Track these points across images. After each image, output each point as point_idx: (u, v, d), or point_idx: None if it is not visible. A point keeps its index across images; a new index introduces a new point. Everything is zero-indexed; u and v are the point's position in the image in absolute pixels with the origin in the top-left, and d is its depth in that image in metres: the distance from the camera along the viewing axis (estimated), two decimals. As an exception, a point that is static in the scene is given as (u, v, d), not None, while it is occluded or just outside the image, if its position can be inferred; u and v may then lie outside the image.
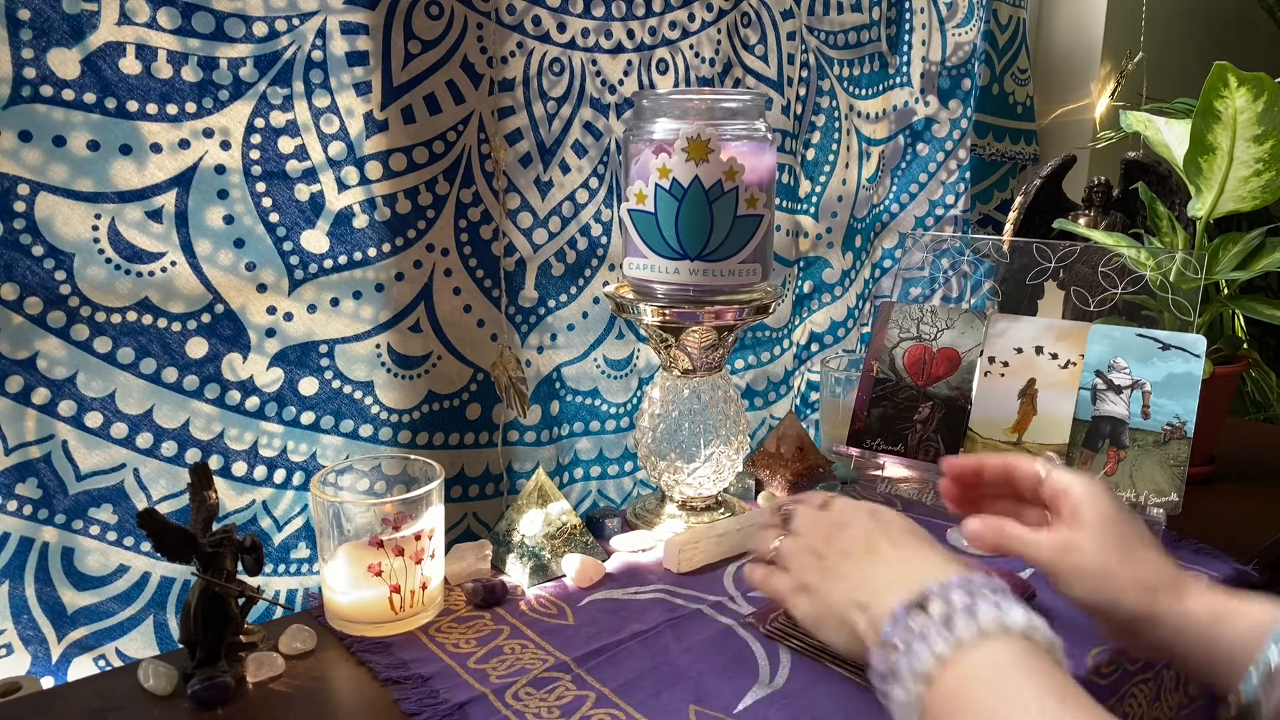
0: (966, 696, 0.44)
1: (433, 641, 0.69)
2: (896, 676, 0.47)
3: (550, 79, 0.91)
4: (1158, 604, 0.57)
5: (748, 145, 0.81)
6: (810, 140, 1.16)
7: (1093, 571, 0.58)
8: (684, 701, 0.62)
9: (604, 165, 0.96)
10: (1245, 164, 0.88)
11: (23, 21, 0.65)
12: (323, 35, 0.77)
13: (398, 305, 0.84)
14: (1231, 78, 0.83)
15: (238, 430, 0.79)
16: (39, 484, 0.71)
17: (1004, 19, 1.32)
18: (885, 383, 0.91)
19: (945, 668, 0.45)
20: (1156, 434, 0.79)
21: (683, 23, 0.99)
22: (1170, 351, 0.81)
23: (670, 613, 0.73)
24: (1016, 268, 0.95)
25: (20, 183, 0.67)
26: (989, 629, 0.45)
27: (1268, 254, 0.91)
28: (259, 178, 0.76)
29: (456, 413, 0.90)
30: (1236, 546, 0.84)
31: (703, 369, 0.88)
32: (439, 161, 0.84)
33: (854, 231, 1.24)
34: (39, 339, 0.69)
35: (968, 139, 1.28)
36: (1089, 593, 0.59)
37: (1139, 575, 0.58)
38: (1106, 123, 1.42)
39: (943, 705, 0.44)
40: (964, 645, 0.45)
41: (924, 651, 0.46)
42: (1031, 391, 0.85)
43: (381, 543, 0.68)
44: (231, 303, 0.77)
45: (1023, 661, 0.44)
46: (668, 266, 0.81)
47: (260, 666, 0.65)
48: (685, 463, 0.88)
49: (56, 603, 0.73)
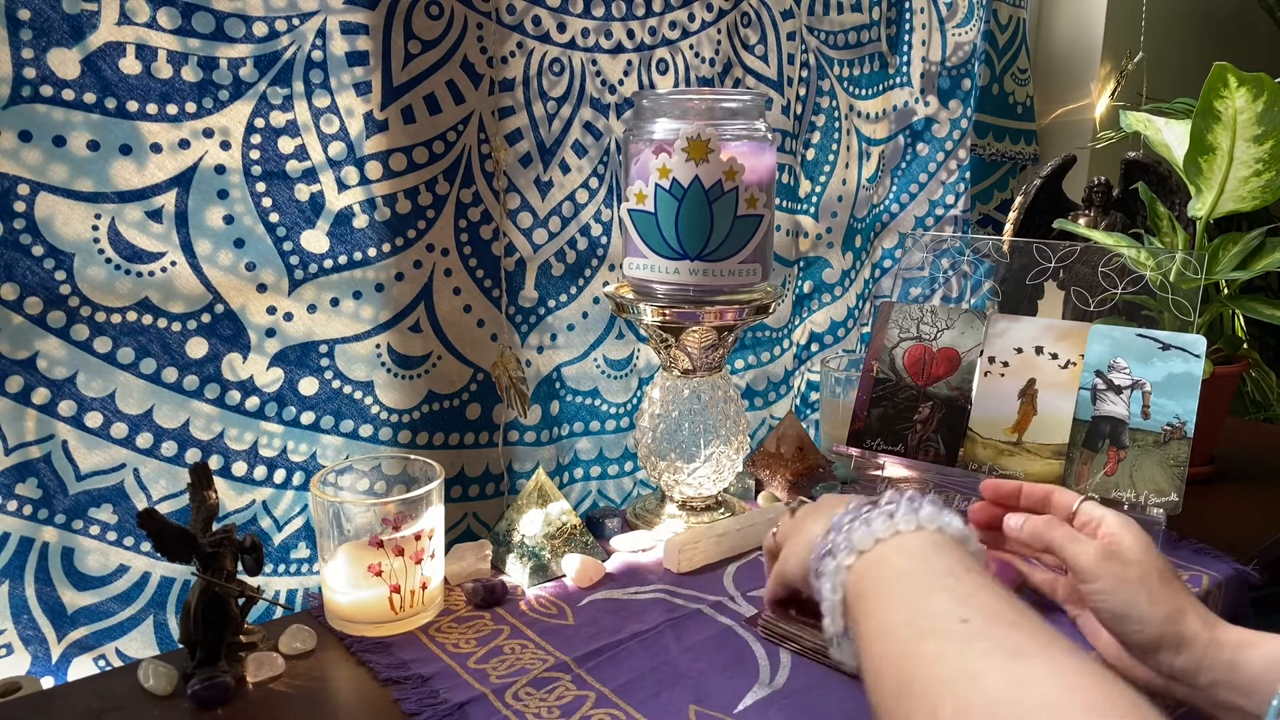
0: (881, 573, 0.47)
1: (433, 641, 0.69)
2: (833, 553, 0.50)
3: (550, 79, 0.91)
4: (1190, 627, 0.58)
5: (748, 145, 0.81)
6: (810, 140, 1.16)
7: (1133, 580, 0.60)
8: (684, 701, 0.62)
9: (604, 165, 0.96)
10: (1245, 164, 0.88)
11: (23, 21, 0.65)
12: (323, 35, 0.77)
13: (398, 305, 0.84)
14: (1231, 78, 0.83)
15: (238, 430, 0.79)
16: (39, 484, 0.71)
17: (1004, 19, 1.32)
18: (885, 383, 0.91)
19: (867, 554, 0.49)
20: (1156, 434, 0.79)
21: (683, 23, 0.99)
22: (1170, 351, 0.81)
23: (670, 613, 0.74)
24: (1016, 268, 0.95)
25: (20, 183, 0.67)
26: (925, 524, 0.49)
27: (1268, 254, 0.91)
28: (259, 178, 0.76)
29: (456, 413, 0.90)
30: (1236, 546, 0.84)
31: (703, 369, 0.88)
32: (439, 161, 0.84)
33: (854, 231, 1.24)
34: (39, 339, 0.69)
35: (968, 139, 1.28)
36: (1124, 603, 0.60)
37: (1174, 598, 0.60)
38: (1106, 123, 1.42)
39: (861, 585, 0.48)
40: (883, 539, 0.49)
41: (847, 543, 0.49)
42: (1031, 391, 0.85)
43: (381, 543, 0.68)
44: (231, 303, 0.77)
45: (935, 544, 0.48)
46: (668, 266, 0.81)
47: (260, 666, 0.65)
48: (685, 463, 0.88)
49: (56, 603, 0.73)
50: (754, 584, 0.79)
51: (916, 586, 0.46)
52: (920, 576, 0.46)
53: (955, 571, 0.46)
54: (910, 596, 0.45)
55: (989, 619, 0.42)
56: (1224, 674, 0.56)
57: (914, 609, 0.44)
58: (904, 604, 0.45)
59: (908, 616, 0.44)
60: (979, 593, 0.44)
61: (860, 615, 0.47)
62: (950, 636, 0.41)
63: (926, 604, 0.44)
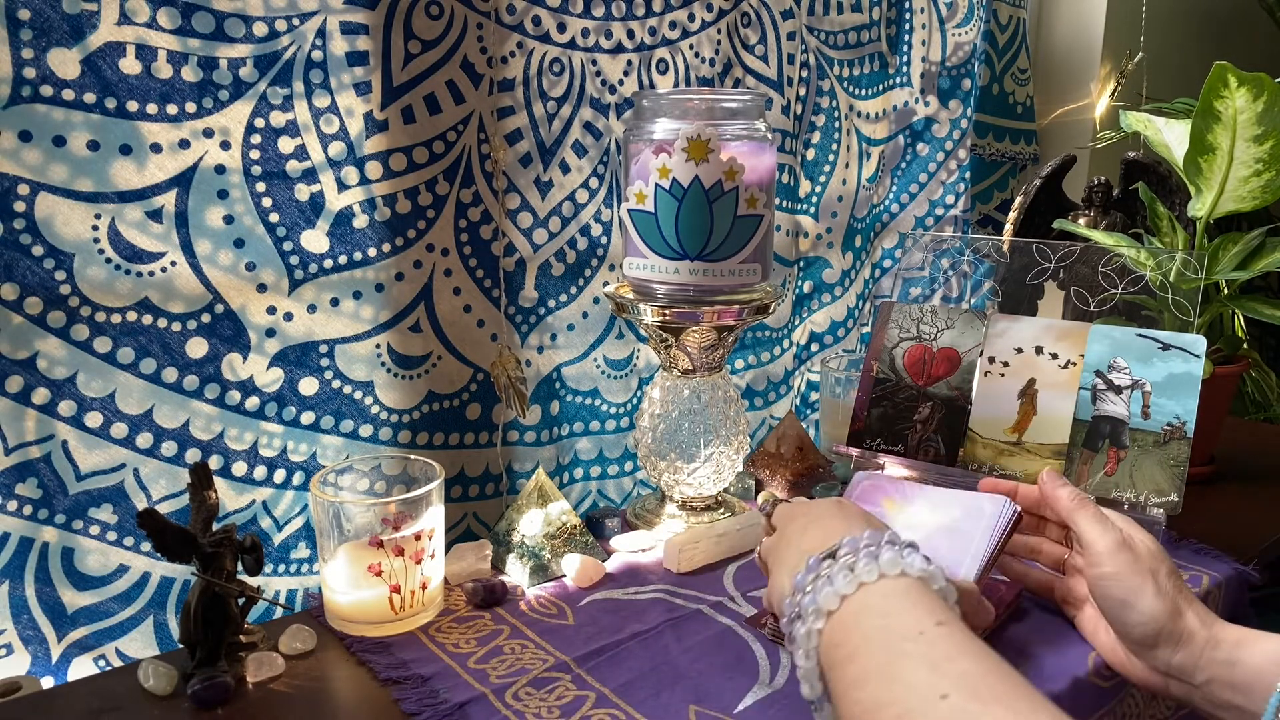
0: (851, 638, 0.47)
1: (433, 641, 0.69)
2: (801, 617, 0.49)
3: (550, 79, 0.91)
4: (1189, 624, 0.59)
5: (748, 145, 0.81)
6: (810, 140, 1.16)
7: (1143, 570, 0.61)
8: (684, 701, 0.62)
9: (604, 165, 0.96)
10: (1245, 164, 0.88)
11: (23, 21, 0.65)
12: (323, 35, 0.77)
13: (398, 305, 0.84)
14: (1231, 78, 0.83)
15: (238, 430, 0.79)
16: (39, 484, 0.71)
17: (1004, 19, 1.32)
18: (885, 383, 0.91)
19: (844, 602, 0.48)
20: (1156, 434, 0.79)
21: (683, 23, 0.99)
22: (1170, 351, 0.81)
23: (670, 613, 0.74)
24: (1016, 268, 0.95)
25: (20, 183, 0.67)
26: (887, 571, 0.49)
27: (1268, 254, 0.91)
28: (259, 178, 0.76)
29: (456, 413, 0.90)
30: (1236, 546, 0.84)
31: (703, 369, 0.88)
32: (439, 161, 0.84)
33: (854, 231, 1.24)
34: (39, 339, 0.69)
35: (968, 139, 1.28)
36: (1131, 590, 0.60)
37: (1177, 597, 0.60)
38: (1106, 123, 1.42)
39: (833, 654, 0.47)
40: (848, 595, 0.48)
41: (814, 605, 0.49)
42: (1031, 391, 0.85)
43: (381, 543, 0.68)
44: (231, 303, 0.77)
45: (901, 591, 0.48)
46: (668, 266, 0.81)
47: (260, 666, 0.65)
48: (685, 463, 0.88)
49: (56, 603, 0.73)
50: (754, 584, 0.79)
51: (890, 654, 0.44)
52: (893, 640, 0.45)
53: (925, 627, 0.45)
54: (885, 667, 0.44)
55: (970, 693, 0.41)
56: (1222, 672, 0.57)
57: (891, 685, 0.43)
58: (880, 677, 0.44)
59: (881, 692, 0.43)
60: (957, 658, 0.43)
61: (836, 686, 0.46)
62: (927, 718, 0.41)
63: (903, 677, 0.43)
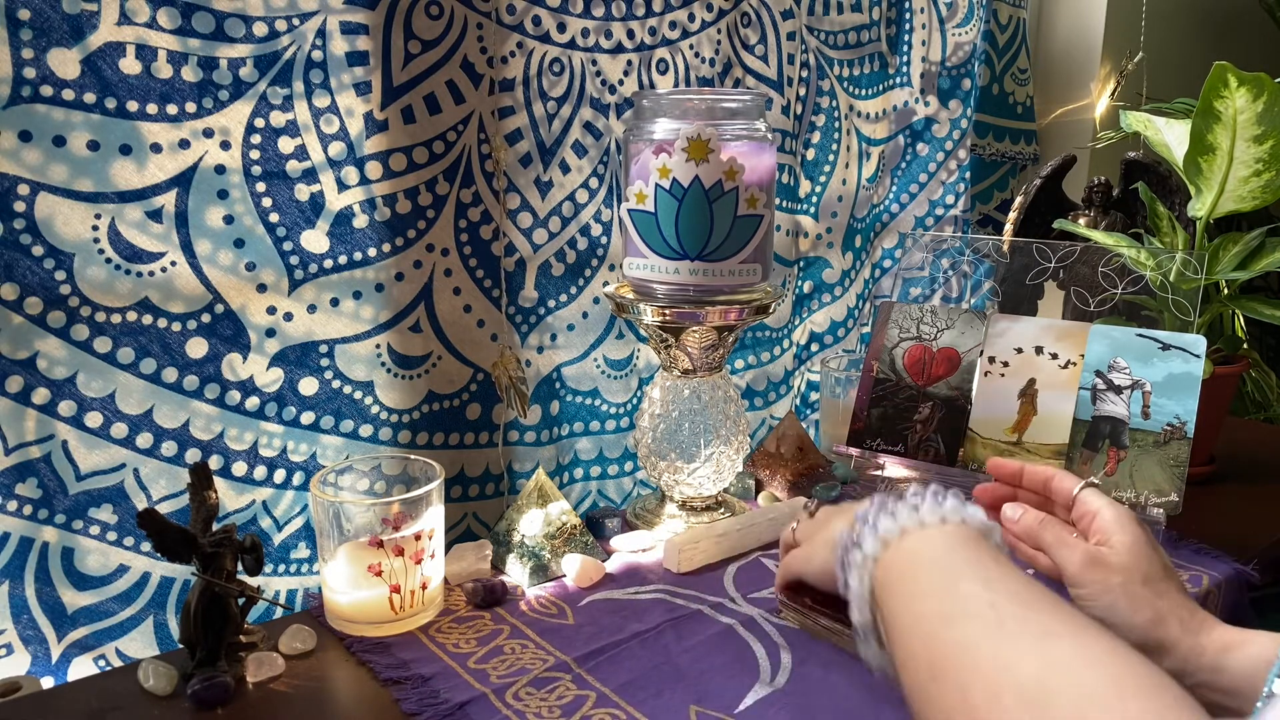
0: (907, 563, 0.48)
1: (433, 641, 0.69)
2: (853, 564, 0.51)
3: (550, 79, 0.91)
4: (1170, 633, 0.59)
5: (748, 145, 0.81)
6: (810, 140, 1.16)
7: (1115, 588, 0.60)
8: (684, 701, 0.62)
9: (604, 165, 0.96)
10: (1245, 164, 0.88)
11: (23, 21, 0.65)
12: (323, 35, 0.77)
13: (398, 305, 0.84)
14: (1231, 78, 0.83)
15: (238, 430, 0.79)
16: (39, 484, 0.71)
17: (1004, 19, 1.32)
18: (885, 383, 0.91)
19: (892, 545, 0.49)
20: (1156, 434, 0.79)
21: (683, 23, 0.99)
22: (1170, 351, 0.81)
23: (670, 613, 0.73)
24: (1016, 268, 0.95)
25: (20, 183, 0.67)
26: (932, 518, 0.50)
27: (1268, 254, 0.91)
28: (259, 178, 0.76)
29: (456, 413, 0.90)
30: (1236, 546, 0.84)
31: (703, 369, 0.88)
32: (439, 161, 0.84)
33: (854, 231, 1.24)
34: (39, 339, 0.69)
35: (968, 139, 1.28)
36: (1105, 610, 0.60)
37: (1157, 604, 0.60)
38: (1106, 123, 1.42)
39: (888, 576, 0.48)
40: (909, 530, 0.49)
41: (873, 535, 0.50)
42: (1031, 391, 0.85)
43: (381, 543, 0.68)
44: (231, 303, 0.77)
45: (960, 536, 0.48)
46: (668, 266, 0.81)
47: (260, 666, 0.65)
48: (685, 463, 0.88)
49: (56, 603, 0.73)
50: (754, 584, 0.79)
51: (943, 574, 0.46)
52: (946, 565, 0.46)
53: (981, 560, 0.46)
54: (937, 584, 0.46)
55: (1017, 602, 0.42)
56: (1209, 678, 0.57)
57: (942, 595, 0.45)
58: (932, 591, 0.45)
59: (936, 602, 0.44)
60: (1005, 578, 0.44)
61: (888, 605, 0.47)
62: (979, 620, 0.42)
63: (954, 590, 0.44)
